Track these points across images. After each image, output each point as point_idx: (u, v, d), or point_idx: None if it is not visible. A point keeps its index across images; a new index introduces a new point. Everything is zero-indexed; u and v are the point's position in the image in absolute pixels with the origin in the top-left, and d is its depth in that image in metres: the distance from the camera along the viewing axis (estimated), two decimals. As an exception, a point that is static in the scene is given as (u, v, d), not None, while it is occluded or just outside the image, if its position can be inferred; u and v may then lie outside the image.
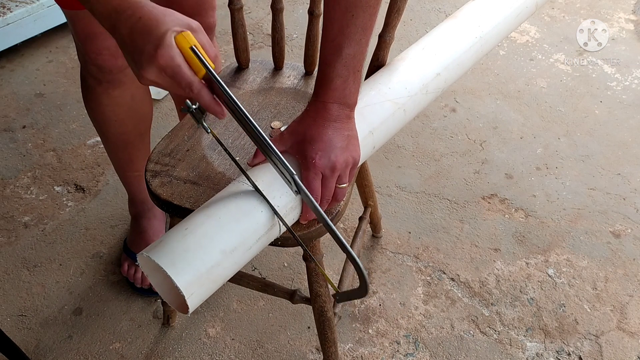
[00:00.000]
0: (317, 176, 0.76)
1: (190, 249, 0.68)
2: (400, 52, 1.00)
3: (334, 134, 0.76)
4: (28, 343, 1.23)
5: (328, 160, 0.75)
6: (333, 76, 0.77)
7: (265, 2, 2.23)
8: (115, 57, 1.03)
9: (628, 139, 1.69)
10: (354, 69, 0.77)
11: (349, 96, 0.78)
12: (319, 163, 0.75)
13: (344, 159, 0.77)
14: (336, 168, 0.76)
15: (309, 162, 0.75)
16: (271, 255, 1.39)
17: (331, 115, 0.77)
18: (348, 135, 0.78)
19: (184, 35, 0.64)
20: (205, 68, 0.65)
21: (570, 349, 1.22)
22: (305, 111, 0.80)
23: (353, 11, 0.74)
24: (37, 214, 1.48)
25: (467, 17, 1.03)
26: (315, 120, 0.77)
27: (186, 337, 1.24)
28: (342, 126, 0.77)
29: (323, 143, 0.76)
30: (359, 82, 0.79)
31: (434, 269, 1.37)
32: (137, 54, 0.64)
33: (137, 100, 1.15)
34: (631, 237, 1.43)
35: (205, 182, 0.90)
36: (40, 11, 1.93)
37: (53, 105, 1.80)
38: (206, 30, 1.15)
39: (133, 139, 1.21)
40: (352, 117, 0.79)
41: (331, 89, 0.77)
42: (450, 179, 1.58)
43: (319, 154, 0.75)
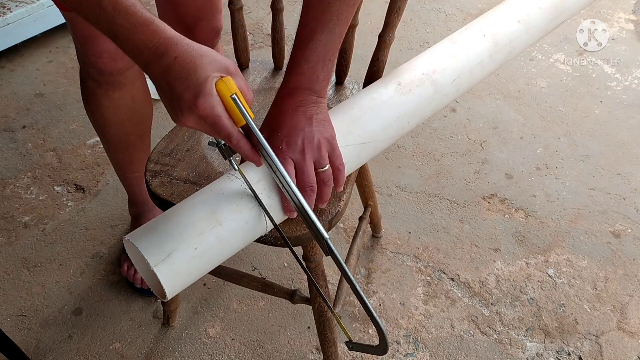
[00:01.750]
0: (286, 162, 0.71)
1: (160, 225, 0.67)
2: (400, 52, 1.00)
3: (298, 118, 0.73)
4: (28, 343, 1.23)
5: (295, 145, 0.72)
6: (301, 60, 0.74)
7: (265, 2, 2.23)
8: (115, 59, 1.03)
9: (628, 139, 1.69)
10: (324, 57, 0.75)
11: (316, 82, 0.75)
12: (286, 149, 0.72)
13: (312, 140, 0.73)
14: (305, 150, 0.72)
15: (277, 151, 0.71)
16: (271, 255, 1.39)
17: (295, 100, 0.74)
18: (315, 118, 0.74)
19: (225, 81, 0.62)
20: (245, 119, 0.64)
21: (570, 349, 1.22)
22: (273, 100, 0.78)
23: None
24: (37, 214, 1.48)
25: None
26: (280, 108, 0.75)
27: (186, 337, 1.24)
28: (307, 110, 0.74)
29: (287, 129, 0.73)
30: (329, 72, 0.76)
31: (434, 269, 1.37)
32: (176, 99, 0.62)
33: (137, 102, 1.15)
34: (631, 237, 1.43)
35: (205, 182, 0.90)
36: (40, 11, 1.93)
37: (53, 105, 1.80)
38: (213, 34, 1.15)
39: (133, 140, 1.21)
40: (320, 102, 0.76)
41: (298, 72, 0.75)
42: (450, 179, 1.58)
43: (285, 140, 0.72)
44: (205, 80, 0.60)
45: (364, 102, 0.86)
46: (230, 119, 0.64)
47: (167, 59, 0.61)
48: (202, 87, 0.60)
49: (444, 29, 2.07)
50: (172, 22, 1.13)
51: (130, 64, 1.06)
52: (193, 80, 0.60)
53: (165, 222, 0.69)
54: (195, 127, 0.64)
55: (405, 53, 1.92)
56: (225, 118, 0.63)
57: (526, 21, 1.04)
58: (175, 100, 0.62)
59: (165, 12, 1.12)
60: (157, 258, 0.65)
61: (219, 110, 0.62)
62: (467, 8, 2.17)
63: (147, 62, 0.62)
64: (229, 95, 0.63)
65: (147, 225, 0.69)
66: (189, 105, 0.61)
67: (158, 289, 0.68)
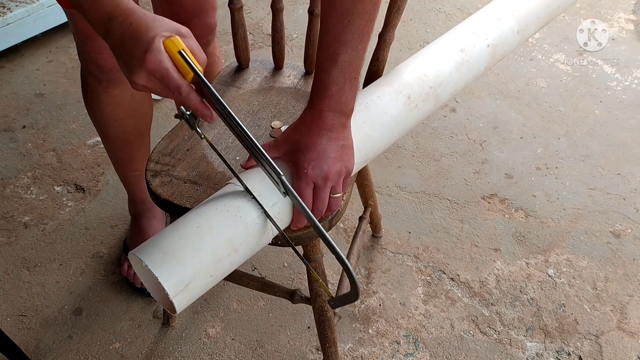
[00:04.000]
0: (308, 186, 0.74)
1: (179, 250, 0.67)
2: (400, 51, 1.00)
3: (328, 143, 0.75)
4: (28, 343, 1.23)
5: (320, 171, 0.74)
6: (329, 83, 0.75)
7: (265, 2, 2.23)
8: None
9: (628, 139, 1.69)
10: (350, 76, 0.76)
11: (345, 104, 0.76)
12: (311, 173, 0.74)
13: (337, 169, 0.75)
14: (329, 178, 0.75)
15: (301, 171, 0.74)
16: (271, 255, 1.39)
17: (326, 124, 0.76)
18: (342, 145, 0.76)
19: (173, 40, 0.65)
20: (193, 71, 0.65)
21: (570, 349, 1.22)
22: (300, 118, 0.79)
23: (349, 17, 0.73)
24: (37, 214, 1.48)
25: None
26: (310, 129, 0.76)
27: (186, 337, 1.24)
28: (336, 135, 0.76)
29: (316, 153, 0.74)
30: (355, 90, 0.77)
31: (434, 269, 1.36)
32: (128, 59, 0.65)
33: (137, 100, 1.15)
34: (631, 237, 1.43)
35: (205, 182, 0.90)
36: (40, 11, 1.93)
37: (53, 105, 1.80)
38: (207, 31, 1.15)
39: (133, 138, 1.21)
40: (347, 126, 0.78)
41: (327, 96, 0.75)
42: (450, 179, 1.58)
43: (312, 164, 0.74)
44: (154, 38, 0.64)
45: (376, 118, 0.86)
46: (180, 73, 0.65)
47: (124, 25, 0.65)
48: (150, 44, 0.63)
49: (444, 29, 2.07)
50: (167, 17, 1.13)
51: None
52: (144, 39, 0.64)
53: (183, 246, 0.68)
54: (147, 84, 0.66)
55: (405, 53, 1.92)
56: (173, 71, 0.64)
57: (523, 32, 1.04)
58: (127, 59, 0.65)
59: (160, 8, 1.12)
60: (176, 289, 0.66)
61: (167, 64, 0.64)
62: (467, 8, 2.17)
63: (107, 30, 0.66)
64: (176, 51, 0.65)
65: (164, 247, 0.68)
66: (138, 62, 0.64)
67: (168, 305, 0.69)
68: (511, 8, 1.04)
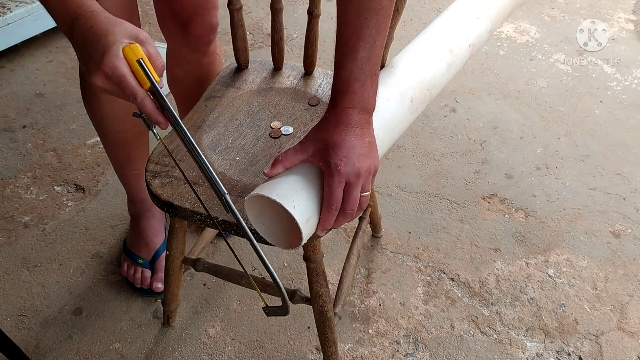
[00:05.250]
0: (340, 184, 0.74)
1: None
2: (400, 51, 1.00)
3: (356, 140, 0.75)
4: (28, 343, 1.23)
5: (353, 167, 0.73)
6: (350, 80, 0.75)
7: (265, 2, 2.22)
8: None
9: (628, 139, 1.69)
10: (371, 73, 0.76)
11: (367, 100, 0.76)
12: (343, 170, 0.73)
13: (367, 166, 0.75)
14: (360, 175, 0.74)
15: (333, 168, 0.73)
16: (271, 255, 1.39)
17: (352, 121, 0.75)
18: (369, 142, 0.76)
19: (132, 47, 0.68)
20: (149, 81, 0.68)
21: (570, 349, 1.22)
22: (324, 118, 0.78)
23: (366, 14, 0.73)
24: (37, 214, 1.48)
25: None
26: (336, 127, 0.75)
27: (186, 337, 1.24)
28: (362, 132, 0.76)
29: (346, 149, 0.74)
30: (376, 87, 0.77)
31: (434, 269, 1.37)
32: (87, 61, 0.68)
33: None
34: (631, 237, 1.43)
35: (205, 182, 0.90)
36: (40, 11, 1.93)
37: (53, 105, 1.80)
38: (209, 30, 1.15)
39: (131, 137, 1.21)
40: (371, 122, 0.78)
41: (349, 93, 0.75)
42: (450, 179, 1.58)
43: (344, 161, 0.73)
44: (113, 43, 0.67)
45: (387, 124, 0.86)
46: (137, 80, 0.68)
47: (86, 27, 0.68)
48: (109, 48, 0.66)
49: (444, 29, 2.08)
50: (167, 18, 1.14)
51: None
52: (103, 43, 0.67)
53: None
54: (105, 87, 0.68)
55: (405, 53, 1.92)
56: (129, 77, 0.67)
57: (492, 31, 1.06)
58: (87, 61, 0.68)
59: (161, 7, 1.12)
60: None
61: (124, 70, 0.67)
62: (467, 8, 2.17)
63: (70, 30, 0.70)
64: (135, 60, 0.68)
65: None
66: (96, 64, 0.66)
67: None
68: (486, 7, 1.04)
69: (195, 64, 1.22)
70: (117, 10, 0.98)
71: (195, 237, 1.38)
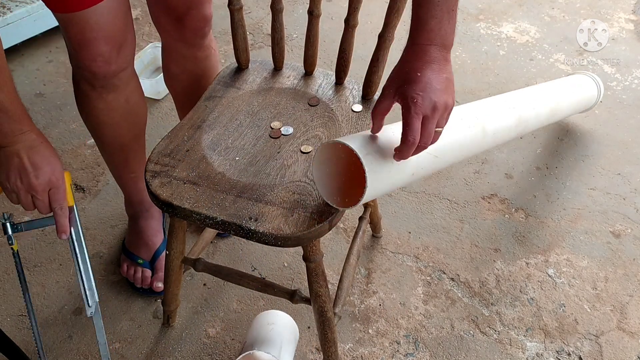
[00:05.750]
0: (417, 116, 0.75)
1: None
2: (400, 51, 1.00)
3: (433, 75, 0.76)
4: (28, 343, 1.23)
5: (430, 101, 0.75)
6: (427, 18, 0.76)
7: (265, 2, 2.22)
8: (109, 62, 1.02)
9: (628, 139, 1.69)
10: (448, 9, 0.76)
11: (445, 37, 0.77)
12: (420, 103, 0.74)
13: (444, 101, 0.76)
14: (437, 109, 0.75)
15: (410, 101, 0.75)
16: (271, 255, 1.39)
17: (430, 57, 0.76)
18: (446, 78, 0.77)
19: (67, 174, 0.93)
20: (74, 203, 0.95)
21: (570, 349, 1.22)
22: (402, 57, 0.79)
23: None
24: (37, 214, 1.47)
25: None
26: (414, 64, 0.77)
27: (186, 337, 1.24)
28: (440, 68, 0.77)
29: (423, 84, 0.75)
30: (454, 22, 0.78)
31: (434, 269, 1.37)
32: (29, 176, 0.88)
33: (132, 103, 1.15)
34: (631, 237, 1.43)
35: (205, 182, 0.90)
36: (40, 11, 1.93)
37: (53, 105, 1.80)
38: (204, 22, 1.15)
39: (128, 141, 1.21)
40: (449, 60, 0.78)
41: (427, 30, 0.76)
42: (450, 179, 1.58)
43: (421, 95, 0.74)
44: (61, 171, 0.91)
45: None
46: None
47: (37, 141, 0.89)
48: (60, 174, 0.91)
49: (444, 29, 2.08)
50: (162, 14, 1.14)
51: (124, 66, 1.06)
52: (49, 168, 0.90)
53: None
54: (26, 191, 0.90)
55: (405, 53, 1.92)
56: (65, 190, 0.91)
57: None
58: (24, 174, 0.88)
59: (155, 4, 1.12)
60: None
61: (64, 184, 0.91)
62: (467, 8, 2.17)
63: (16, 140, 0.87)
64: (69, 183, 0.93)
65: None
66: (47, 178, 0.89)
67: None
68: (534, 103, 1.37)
69: (191, 59, 1.21)
70: (112, 16, 0.97)
71: (195, 237, 1.39)
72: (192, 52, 1.20)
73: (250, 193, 0.89)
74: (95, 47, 0.99)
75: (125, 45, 1.04)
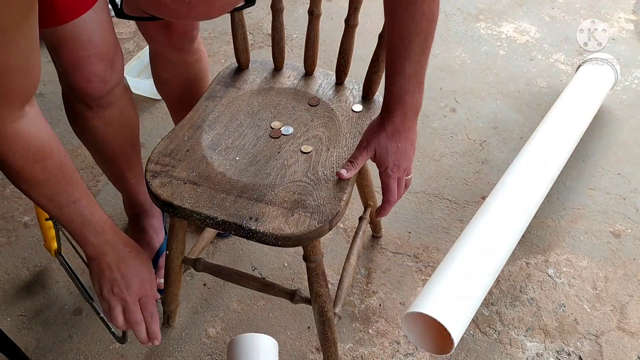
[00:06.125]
0: (394, 181, 0.92)
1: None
2: (400, 52, 1.00)
3: (407, 145, 0.90)
4: (28, 343, 1.23)
5: (403, 168, 0.91)
6: (402, 93, 0.87)
7: (265, 2, 2.22)
8: (105, 81, 1.00)
9: (628, 139, 1.69)
10: (417, 83, 0.87)
11: (417, 107, 0.89)
12: (396, 171, 0.91)
13: (410, 160, 0.92)
14: (407, 169, 0.93)
15: (390, 171, 0.90)
16: (271, 255, 1.39)
17: (404, 127, 0.89)
18: (412, 140, 0.91)
19: None
20: None
21: (570, 349, 1.22)
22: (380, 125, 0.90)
23: (409, 38, 0.83)
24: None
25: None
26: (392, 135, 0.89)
27: (186, 337, 1.24)
28: (412, 136, 0.91)
29: (399, 155, 0.90)
30: (422, 90, 0.89)
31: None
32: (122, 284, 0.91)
33: (126, 115, 1.14)
34: (631, 237, 1.43)
35: (205, 182, 0.90)
36: (40, 11, 1.92)
37: (53, 105, 1.79)
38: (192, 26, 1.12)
39: (124, 150, 1.20)
40: (416, 121, 0.91)
41: (402, 104, 0.88)
42: (450, 179, 1.58)
43: (397, 164, 0.90)
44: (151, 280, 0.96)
45: None
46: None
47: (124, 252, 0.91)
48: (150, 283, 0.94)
49: (444, 29, 2.08)
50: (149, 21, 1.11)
51: (117, 81, 1.05)
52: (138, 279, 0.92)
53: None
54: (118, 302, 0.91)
55: (405, 53, 1.92)
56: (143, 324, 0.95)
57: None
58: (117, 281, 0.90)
59: None
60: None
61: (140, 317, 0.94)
62: (467, 8, 2.17)
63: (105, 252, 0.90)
64: None
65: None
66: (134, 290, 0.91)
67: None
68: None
69: (181, 64, 1.20)
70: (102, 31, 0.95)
71: (195, 237, 1.38)
72: (181, 57, 1.18)
73: (251, 193, 0.89)
74: (89, 67, 0.97)
75: (116, 59, 1.02)
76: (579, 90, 1.62)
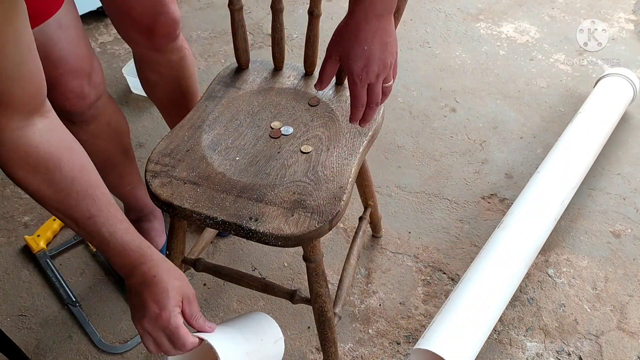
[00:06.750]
0: (363, 88, 0.83)
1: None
2: (400, 51, 1.00)
3: (375, 47, 0.80)
4: (28, 343, 1.23)
5: (373, 72, 0.81)
6: None
7: (265, 2, 2.22)
8: (83, 97, 0.99)
9: (628, 139, 1.69)
10: None
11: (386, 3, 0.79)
12: (364, 77, 0.82)
13: (384, 65, 0.81)
14: (380, 74, 0.82)
15: (356, 77, 0.82)
16: (271, 255, 1.39)
17: (371, 27, 0.79)
18: (387, 42, 0.81)
19: None
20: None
21: (570, 349, 1.22)
22: (345, 24, 0.81)
23: None
24: (37, 213, 1.48)
25: None
26: (356, 36, 0.80)
27: (186, 337, 1.24)
28: (386, 37, 0.80)
29: (365, 59, 0.80)
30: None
31: (434, 269, 1.37)
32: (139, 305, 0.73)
33: (114, 125, 1.13)
34: (631, 237, 1.43)
35: (205, 182, 0.90)
36: (40, 11, 1.92)
37: (53, 105, 1.79)
38: (174, 26, 1.09)
39: (118, 159, 1.20)
40: (390, 22, 0.81)
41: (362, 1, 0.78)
42: (450, 179, 1.58)
43: (365, 70, 0.81)
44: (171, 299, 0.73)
45: None
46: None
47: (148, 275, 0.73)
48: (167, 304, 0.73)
49: (444, 29, 2.08)
50: (130, 28, 1.08)
51: (98, 94, 1.03)
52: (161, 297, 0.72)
53: None
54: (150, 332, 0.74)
55: (405, 53, 1.92)
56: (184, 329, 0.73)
57: None
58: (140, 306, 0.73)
59: (120, 20, 1.08)
60: None
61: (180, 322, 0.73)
62: (467, 8, 2.17)
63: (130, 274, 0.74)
64: None
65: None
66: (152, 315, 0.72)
67: None
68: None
69: (166, 65, 1.18)
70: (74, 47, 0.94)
71: (195, 237, 1.39)
72: (166, 58, 1.16)
73: (251, 193, 0.89)
74: (65, 85, 0.96)
75: (93, 73, 1.01)
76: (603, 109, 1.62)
